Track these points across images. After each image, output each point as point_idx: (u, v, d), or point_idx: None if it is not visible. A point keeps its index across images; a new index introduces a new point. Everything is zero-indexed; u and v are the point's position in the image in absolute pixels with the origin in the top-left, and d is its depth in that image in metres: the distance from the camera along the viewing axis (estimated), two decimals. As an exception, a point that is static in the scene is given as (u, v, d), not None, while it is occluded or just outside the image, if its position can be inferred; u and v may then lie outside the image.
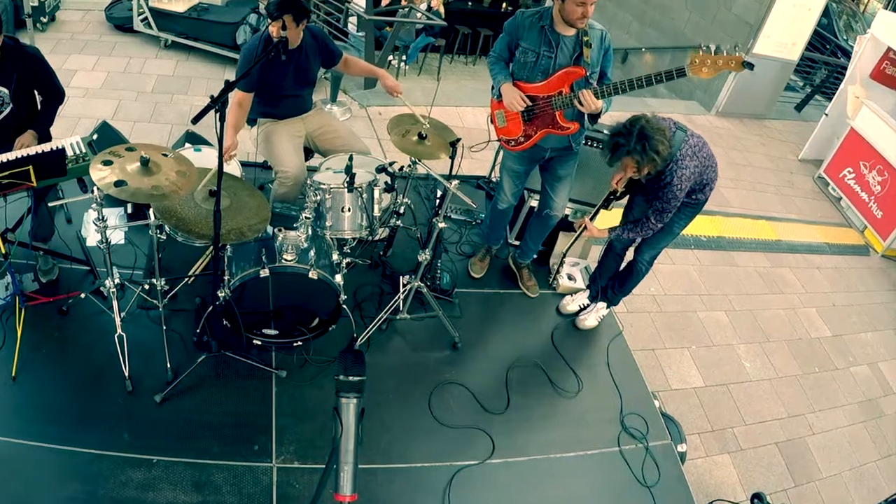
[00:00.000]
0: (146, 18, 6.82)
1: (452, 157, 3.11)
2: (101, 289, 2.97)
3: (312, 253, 2.93)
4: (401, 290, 3.37)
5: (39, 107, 3.08)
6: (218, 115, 2.17)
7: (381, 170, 3.26)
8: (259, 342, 3.04)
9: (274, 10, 2.98)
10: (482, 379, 3.35)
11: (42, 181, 2.63)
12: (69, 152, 2.91)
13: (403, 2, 8.13)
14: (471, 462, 2.94)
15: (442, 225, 3.16)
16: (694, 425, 3.90)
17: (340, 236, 3.21)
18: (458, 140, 3.13)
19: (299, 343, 3.10)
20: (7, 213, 3.05)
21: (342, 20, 7.60)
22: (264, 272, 2.74)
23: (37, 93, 3.04)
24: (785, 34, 7.78)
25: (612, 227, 3.29)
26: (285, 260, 2.81)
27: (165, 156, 2.51)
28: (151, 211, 2.73)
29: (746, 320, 4.88)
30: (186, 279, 3.26)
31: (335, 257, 3.03)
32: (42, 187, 2.75)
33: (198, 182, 2.56)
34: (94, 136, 3.59)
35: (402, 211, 3.60)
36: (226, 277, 2.84)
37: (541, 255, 4.08)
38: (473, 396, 3.24)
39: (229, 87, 2.23)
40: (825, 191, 7.20)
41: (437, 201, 4.12)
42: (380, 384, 3.11)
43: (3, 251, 2.74)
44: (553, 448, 3.11)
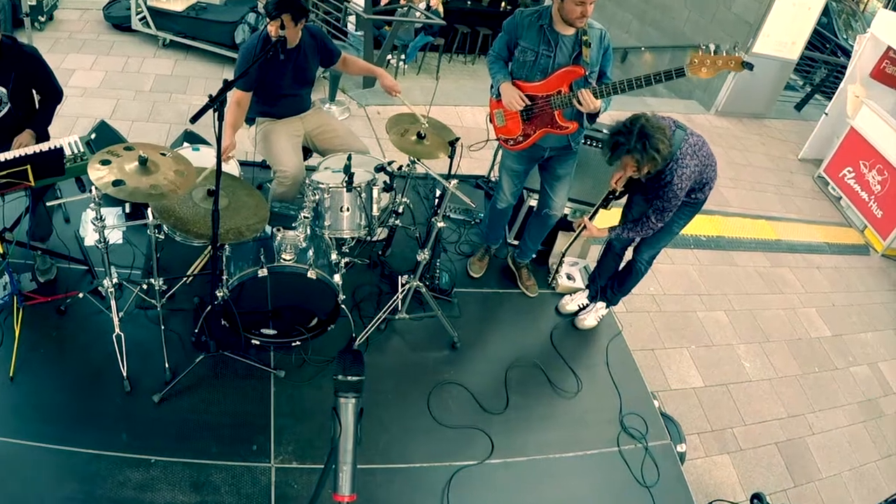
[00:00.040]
0: (144, 17, 6.81)
1: (451, 157, 3.11)
2: (100, 288, 2.97)
3: (311, 252, 2.93)
4: (399, 290, 3.37)
5: (37, 106, 3.07)
6: (216, 114, 2.17)
7: (380, 169, 3.26)
8: (257, 342, 3.04)
9: (272, 10, 2.98)
10: (481, 379, 3.34)
11: (40, 181, 2.63)
12: (67, 152, 2.90)
13: (402, 1, 8.12)
14: (470, 462, 2.94)
15: (441, 224, 3.15)
16: (693, 425, 3.90)
17: (339, 236, 3.20)
18: (457, 139, 3.13)
19: (298, 343, 3.10)
20: (5, 212, 3.04)
21: (341, 19, 7.59)
22: (263, 272, 2.74)
23: (35, 92, 3.03)
24: (785, 33, 7.77)
25: (611, 227, 3.29)
26: (284, 259, 2.81)
27: (164, 155, 2.51)
28: (150, 210, 2.74)
29: (746, 320, 4.88)
30: (185, 279, 3.25)
31: (334, 257, 3.02)
32: (40, 187, 2.74)
33: (195, 178, 2.55)
34: (93, 136, 3.59)
35: (400, 210, 3.60)
36: (224, 277, 2.84)
37: (540, 255, 4.07)
38: (472, 396, 3.24)
39: (228, 86, 2.23)
40: (825, 190, 7.19)
41: (436, 201, 4.11)
42: (378, 384, 3.11)
43: (1, 251, 2.74)
44: (552, 448, 3.11)
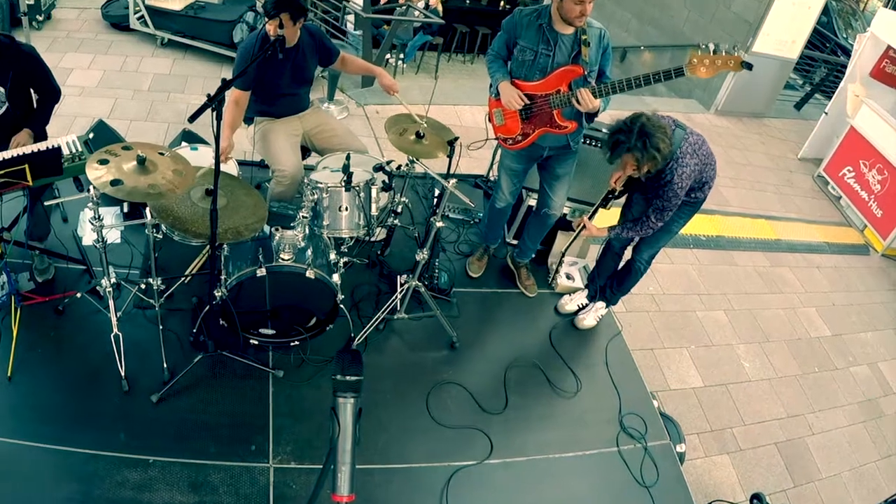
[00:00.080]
0: (142, 16, 6.79)
1: (450, 156, 3.10)
2: (98, 288, 2.96)
3: (310, 252, 2.93)
4: (398, 290, 3.36)
5: (35, 105, 3.06)
6: (215, 113, 2.16)
7: (379, 169, 3.25)
8: (256, 342, 3.03)
9: (271, 9, 2.97)
10: (480, 379, 3.34)
11: (38, 180, 2.62)
12: (65, 151, 2.89)
13: (401, 0, 8.10)
14: (469, 462, 2.93)
15: (440, 224, 3.14)
16: (693, 425, 3.89)
17: (338, 235, 3.20)
18: (456, 139, 3.12)
19: (296, 343, 3.09)
20: (3, 212, 3.03)
21: (340, 18, 7.58)
22: (261, 271, 2.73)
23: (33, 91, 3.02)
24: (784, 32, 7.76)
25: (611, 226, 3.28)
26: (282, 259, 2.81)
27: (162, 154, 2.50)
28: (148, 210, 2.73)
29: (746, 320, 4.87)
30: (183, 278, 3.25)
31: (332, 256, 3.02)
32: (38, 186, 2.74)
33: (193, 178, 2.55)
34: (91, 135, 3.58)
35: (399, 210, 3.59)
36: (222, 277, 2.83)
37: (539, 255, 4.07)
38: (471, 396, 3.23)
39: (226, 85, 2.22)
40: (825, 190, 7.19)
41: (435, 200, 4.10)
42: (377, 384, 3.10)
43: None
44: (551, 448, 3.11)
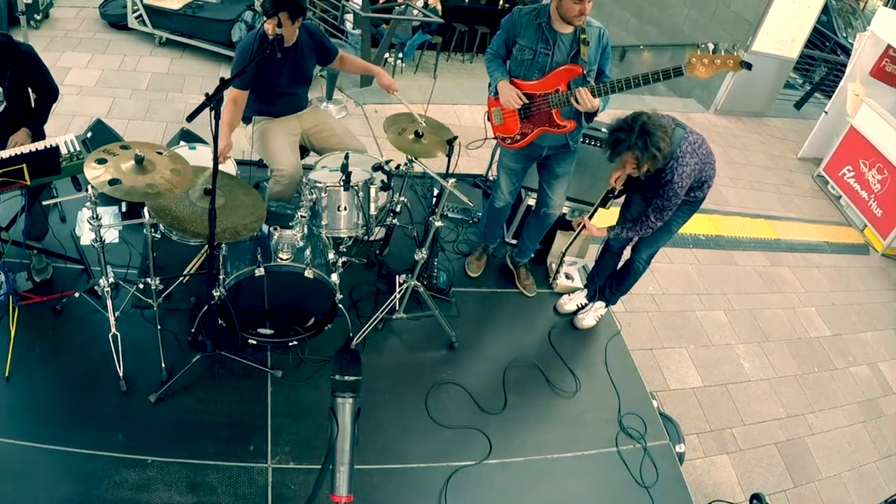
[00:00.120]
0: (140, 16, 6.78)
1: (449, 156, 3.10)
2: (96, 288, 2.95)
3: (308, 252, 2.92)
4: (397, 290, 3.36)
5: (33, 105, 3.05)
6: (213, 112, 2.15)
7: (378, 168, 3.24)
8: (254, 342, 3.03)
9: (269, 8, 2.96)
10: (479, 379, 3.33)
11: (36, 179, 2.62)
12: (63, 150, 2.88)
13: (400, -1, 8.09)
14: (467, 462, 2.92)
15: (438, 223, 3.14)
16: (692, 425, 3.89)
17: (336, 235, 3.19)
18: (455, 138, 3.12)
19: (295, 343, 3.08)
20: (1, 211, 3.04)
21: (338, 17, 7.57)
22: (259, 271, 2.73)
23: (30, 90, 3.01)
24: (784, 31, 7.76)
25: (611, 226, 3.27)
26: (281, 259, 2.80)
27: (160, 154, 2.49)
28: (146, 209, 2.72)
29: (745, 320, 4.87)
30: (181, 278, 3.24)
31: (331, 256, 3.01)
32: (36, 186, 2.73)
33: (192, 177, 2.54)
34: (89, 134, 3.55)
35: (398, 209, 3.59)
36: (221, 276, 2.82)
37: (538, 254, 4.06)
38: (470, 396, 3.23)
39: (224, 84, 2.21)
40: (825, 189, 7.19)
41: (434, 200, 4.10)
42: (376, 384, 3.10)
43: (-3, 250, 2.73)
44: (550, 448, 3.10)
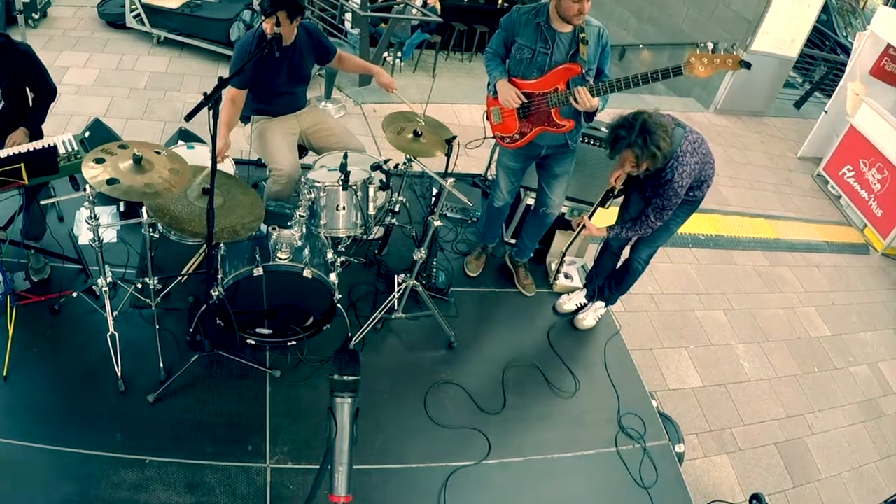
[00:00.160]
0: (139, 15, 6.77)
1: (448, 155, 3.09)
2: (94, 287, 2.95)
3: (307, 251, 2.92)
4: (396, 289, 3.35)
5: (31, 104, 3.05)
6: (211, 112, 2.15)
7: (376, 167, 3.23)
8: (253, 341, 3.02)
9: (268, 7, 2.95)
10: (478, 379, 3.33)
11: (34, 179, 2.61)
12: (61, 150, 2.87)
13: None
14: (466, 463, 2.92)
15: (437, 223, 3.13)
16: (692, 425, 3.88)
17: (335, 234, 3.18)
18: (454, 137, 3.11)
19: (293, 342, 3.08)
20: (-2, 211, 3.04)
21: (337, 16, 7.56)
22: (258, 271, 2.72)
23: (28, 90, 3.01)
24: (784, 30, 7.75)
25: (610, 226, 3.27)
26: (279, 258, 2.79)
27: (158, 153, 2.48)
28: (144, 209, 2.72)
29: (745, 319, 4.87)
30: (179, 278, 3.23)
31: (330, 256, 3.00)
32: (34, 185, 2.73)
33: (190, 177, 2.53)
34: (87, 134, 3.57)
35: (397, 209, 3.58)
36: (219, 276, 2.81)
37: (537, 254, 4.06)
38: (469, 396, 3.22)
39: (223, 83, 2.22)
40: (824, 189, 7.18)
41: (433, 199, 4.09)
42: (375, 384, 3.09)
43: (-5, 250, 2.72)
44: (550, 448, 3.10)
